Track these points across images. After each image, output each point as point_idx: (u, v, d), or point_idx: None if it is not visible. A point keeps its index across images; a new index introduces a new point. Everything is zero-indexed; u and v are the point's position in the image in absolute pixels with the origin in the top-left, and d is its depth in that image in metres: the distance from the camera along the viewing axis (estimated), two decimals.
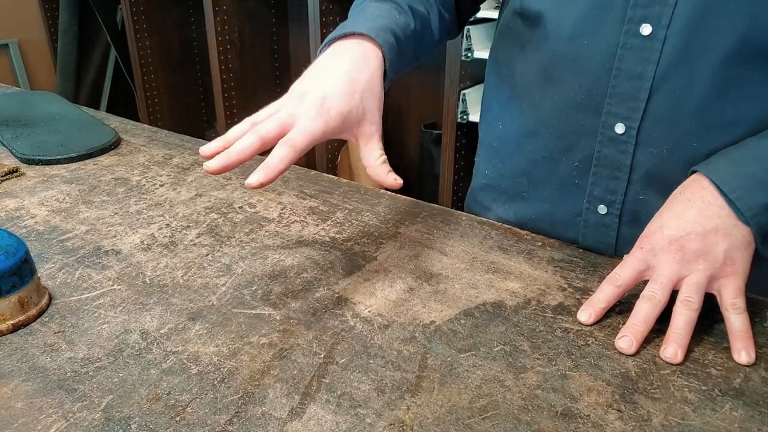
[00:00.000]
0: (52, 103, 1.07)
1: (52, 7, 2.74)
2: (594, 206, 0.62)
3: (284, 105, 0.50)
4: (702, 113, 0.54)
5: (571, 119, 0.60)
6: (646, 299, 0.49)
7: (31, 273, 0.51)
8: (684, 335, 0.47)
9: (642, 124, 0.56)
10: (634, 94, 0.55)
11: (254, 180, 0.45)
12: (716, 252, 0.49)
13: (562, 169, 0.63)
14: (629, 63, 0.55)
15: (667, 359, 0.46)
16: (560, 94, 0.60)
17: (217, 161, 0.46)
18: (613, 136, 0.58)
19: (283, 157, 0.46)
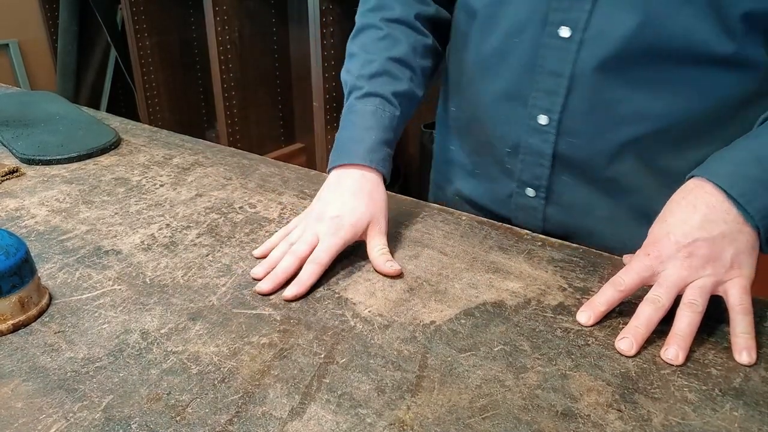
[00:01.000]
0: (53, 103, 1.07)
1: (52, 7, 2.74)
2: (522, 189, 0.68)
3: (308, 225, 0.60)
4: (616, 108, 0.58)
5: (503, 109, 0.65)
6: (650, 302, 0.49)
7: (31, 273, 0.51)
8: (686, 337, 0.47)
9: (562, 116, 0.61)
10: (554, 90, 0.60)
11: (290, 293, 0.54)
12: (724, 257, 0.49)
13: (498, 153, 0.68)
14: (550, 62, 0.59)
15: (669, 360, 0.46)
16: (494, 86, 0.65)
17: (269, 283, 0.55)
18: (537, 126, 0.63)
19: (312, 272, 0.56)
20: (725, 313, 0.52)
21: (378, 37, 0.68)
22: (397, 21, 0.69)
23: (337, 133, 0.67)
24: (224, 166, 0.83)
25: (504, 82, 0.64)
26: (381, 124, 0.65)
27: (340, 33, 1.98)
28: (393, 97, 0.66)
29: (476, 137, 0.71)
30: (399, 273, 0.57)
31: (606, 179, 0.63)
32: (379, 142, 0.64)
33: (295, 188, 0.77)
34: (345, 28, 1.99)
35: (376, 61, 0.67)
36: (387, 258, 0.58)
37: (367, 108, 0.66)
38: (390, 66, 0.67)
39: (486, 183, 0.72)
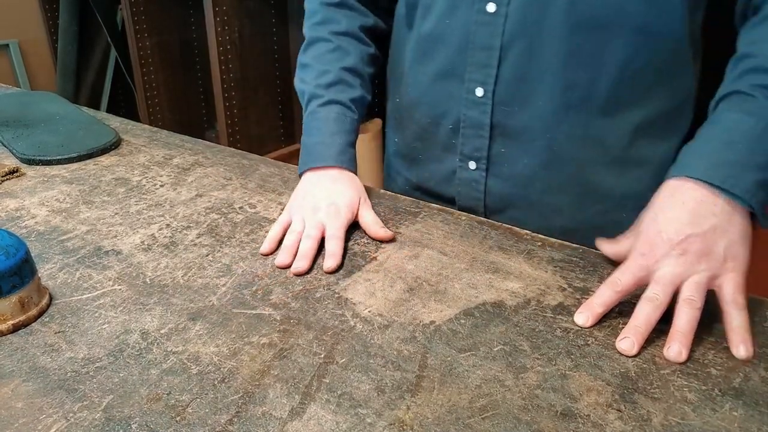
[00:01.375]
0: (53, 104, 1.07)
1: (53, 7, 2.74)
2: (465, 163, 0.72)
3: (306, 216, 0.65)
4: (544, 76, 0.63)
5: (443, 88, 0.70)
6: (648, 301, 0.49)
7: (31, 273, 0.51)
8: (688, 334, 0.48)
9: (496, 87, 0.65)
10: (487, 62, 0.65)
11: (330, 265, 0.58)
12: (717, 251, 0.50)
13: (441, 132, 0.72)
14: (481, 37, 0.64)
15: (672, 358, 0.47)
16: (432, 67, 0.70)
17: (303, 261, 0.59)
18: (475, 99, 0.67)
19: (337, 245, 0.61)
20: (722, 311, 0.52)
21: (329, 49, 0.75)
22: (344, 34, 0.76)
23: (303, 137, 0.73)
24: (224, 167, 0.83)
25: (441, 62, 0.69)
26: (344, 128, 0.72)
27: None
28: (351, 103, 0.73)
29: (418, 122, 0.75)
30: (392, 237, 0.63)
31: (541, 148, 0.67)
32: (346, 144, 0.71)
33: None
34: None
35: (331, 71, 0.74)
36: (381, 225, 0.65)
37: (330, 115, 0.72)
38: (344, 75, 0.74)
39: (431, 165, 0.76)
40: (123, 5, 2.41)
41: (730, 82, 0.57)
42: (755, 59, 0.56)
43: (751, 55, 0.56)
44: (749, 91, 0.54)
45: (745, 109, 0.54)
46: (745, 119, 0.53)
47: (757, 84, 0.54)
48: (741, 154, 0.51)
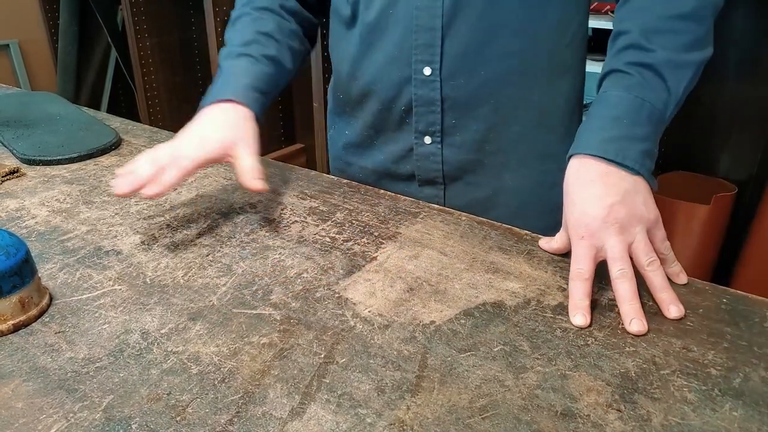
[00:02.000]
0: (53, 104, 1.07)
1: (53, 7, 2.74)
2: (420, 139, 0.76)
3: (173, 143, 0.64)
4: (484, 48, 0.69)
5: (393, 73, 0.74)
6: (621, 278, 0.52)
7: (31, 273, 0.51)
8: (670, 288, 0.53)
9: (442, 65, 0.70)
10: (431, 42, 0.70)
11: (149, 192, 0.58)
12: (639, 208, 0.55)
13: (395, 113, 0.76)
14: (423, 20, 0.69)
15: (675, 317, 0.51)
16: (380, 55, 0.74)
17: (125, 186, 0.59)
18: (423, 78, 0.72)
19: (172, 175, 0.60)
20: (723, 313, 0.52)
21: (249, 20, 0.78)
22: (264, 8, 0.79)
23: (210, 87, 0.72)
24: (225, 167, 0.83)
25: (388, 49, 0.73)
26: (252, 74, 0.72)
27: None
28: (263, 58, 0.74)
29: (371, 110, 0.78)
30: (264, 190, 0.63)
31: (487, 114, 0.73)
32: (249, 86, 0.70)
33: (296, 189, 0.77)
34: None
35: (248, 33, 0.76)
36: (256, 175, 0.62)
37: (239, 64, 0.73)
38: (259, 37, 0.76)
39: (387, 147, 0.80)
40: (123, 5, 2.41)
41: (608, 61, 0.62)
42: (627, 36, 0.60)
43: (623, 33, 0.61)
44: (625, 69, 0.59)
45: (624, 86, 0.59)
46: (625, 96, 0.58)
47: (631, 62, 0.59)
48: (626, 129, 0.57)
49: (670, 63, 0.58)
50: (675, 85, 0.58)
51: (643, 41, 0.59)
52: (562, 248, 0.60)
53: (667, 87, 0.58)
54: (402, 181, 0.82)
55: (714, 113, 1.77)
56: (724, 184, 1.73)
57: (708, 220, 1.64)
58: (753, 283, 1.62)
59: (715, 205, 1.62)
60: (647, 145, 0.57)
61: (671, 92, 0.58)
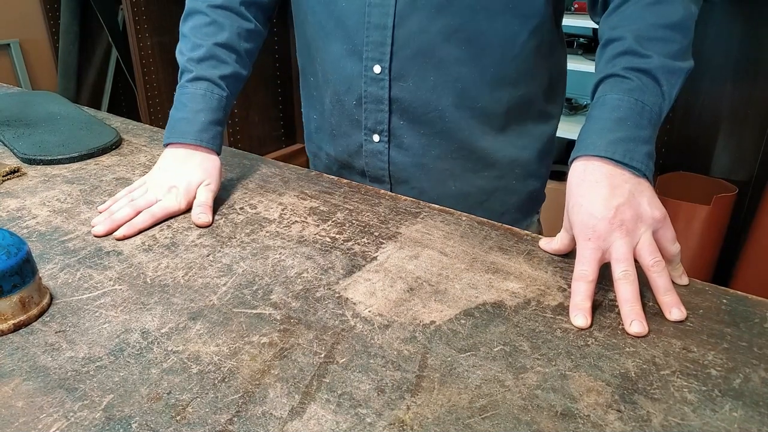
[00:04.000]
0: (54, 103, 1.07)
1: (54, 7, 2.74)
2: (369, 136, 0.77)
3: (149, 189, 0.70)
4: (433, 53, 0.69)
5: (345, 66, 0.74)
6: (624, 280, 0.52)
7: (32, 273, 0.51)
8: (673, 291, 0.52)
9: (392, 64, 0.71)
10: (382, 41, 0.70)
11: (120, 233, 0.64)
12: (645, 208, 0.55)
13: (347, 107, 0.77)
14: (375, 17, 0.69)
15: (677, 319, 0.51)
16: (334, 47, 0.74)
17: (103, 225, 0.65)
18: (373, 76, 0.72)
19: (144, 220, 0.66)
20: (723, 314, 0.52)
21: (204, 22, 0.76)
22: (221, 7, 0.77)
23: (171, 110, 0.76)
24: (225, 167, 0.83)
25: (341, 43, 0.73)
26: (210, 105, 0.75)
27: None
28: (220, 80, 0.76)
29: (329, 98, 0.79)
30: (205, 224, 0.67)
31: (434, 119, 0.73)
32: (209, 122, 0.74)
33: (296, 189, 0.77)
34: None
35: (204, 46, 0.75)
36: (204, 210, 0.68)
37: (197, 91, 0.75)
38: (216, 51, 0.76)
39: (343, 139, 0.81)
40: (124, 5, 2.41)
41: (603, 67, 0.62)
42: (621, 43, 0.60)
43: (615, 39, 0.61)
44: (623, 73, 0.59)
45: (624, 89, 0.59)
46: (626, 98, 0.58)
47: (629, 66, 0.59)
48: (631, 130, 0.57)
49: (665, 69, 0.59)
50: (668, 90, 0.59)
51: (638, 47, 0.59)
52: (562, 249, 0.60)
53: (662, 92, 0.59)
54: (356, 175, 0.83)
55: (714, 114, 1.77)
56: (724, 184, 1.74)
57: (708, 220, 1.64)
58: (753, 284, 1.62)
59: (715, 205, 1.62)
60: (650, 147, 0.57)
61: (665, 97, 0.59)
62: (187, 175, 0.71)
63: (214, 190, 0.71)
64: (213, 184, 0.72)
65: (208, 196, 0.70)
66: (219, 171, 0.74)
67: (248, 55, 0.80)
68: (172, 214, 0.68)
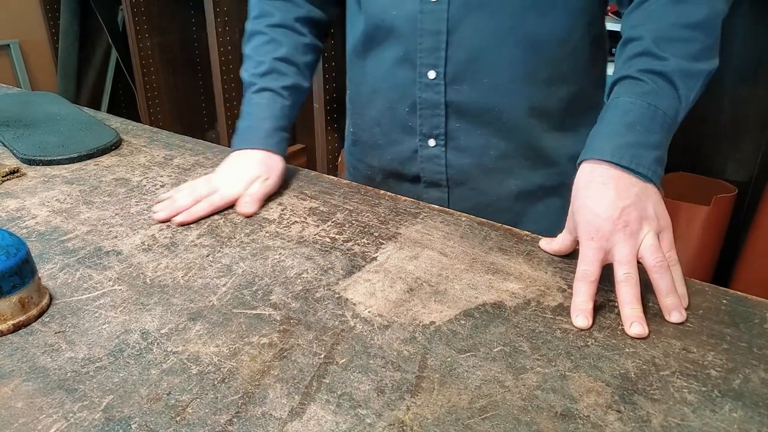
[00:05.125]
0: (53, 104, 1.07)
1: (53, 7, 2.74)
2: (425, 141, 0.77)
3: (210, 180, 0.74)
4: (489, 55, 0.69)
5: (398, 73, 0.75)
6: (625, 282, 0.52)
7: (31, 273, 0.51)
8: (675, 293, 0.52)
9: (446, 69, 0.71)
10: (436, 47, 0.70)
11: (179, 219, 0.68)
12: (649, 212, 0.55)
13: (399, 114, 0.77)
14: (428, 23, 0.70)
15: (676, 322, 0.51)
16: (386, 55, 0.75)
17: (164, 212, 0.69)
18: (428, 81, 0.72)
19: (203, 209, 0.69)
20: (723, 314, 0.52)
21: (264, 41, 0.82)
22: (278, 26, 0.82)
23: (238, 121, 0.80)
24: None
25: (394, 50, 0.74)
26: (273, 113, 0.79)
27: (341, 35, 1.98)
28: (282, 90, 0.80)
29: (378, 108, 0.79)
30: (247, 214, 0.70)
31: (491, 120, 0.73)
32: (273, 129, 0.78)
33: (296, 188, 0.77)
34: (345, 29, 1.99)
35: (265, 62, 0.80)
36: (253, 202, 0.71)
37: (261, 101, 0.79)
38: (276, 65, 0.80)
39: (392, 148, 0.80)
40: (124, 6, 2.41)
41: (620, 68, 0.62)
42: (639, 43, 0.60)
43: (634, 39, 0.61)
44: (638, 75, 0.59)
45: (637, 92, 0.59)
46: (638, 102, 0.58)
47: (644, 69, 0.59)
48: (640, 135, 0.57)
49: (682, 72, 0.58)
50: (686, 93, 0.59)
51: (655, 49, 0.59)
52: (562, 250, 0.60)
53: (678, 95, 0.58)
54: (408, 182, 0.82)
55: (714, 115, 1.77)
56: (724, 185, 1.73)
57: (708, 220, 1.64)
58: (753, 284, 1.62)
59: (715, 206, 1.62)
60: (659, 153, 0.57)
61: (682, 101, 0.59)
62: (248, 168, 0.74)
63: (271, 185, 0.74)
64: (271, 179, 0.74)
65: (260, 189, 0.72)
66: (280, 170, 0.77)
67: (307, 67, 0.84)
68: (230, 202, 0.71)
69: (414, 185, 0.81)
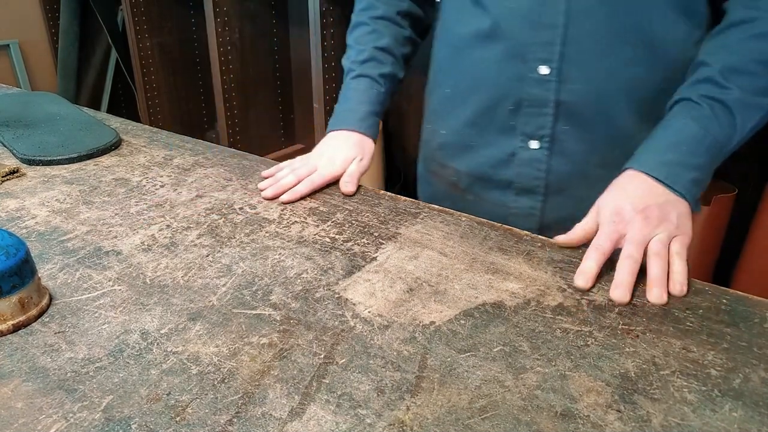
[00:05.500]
0: (53, 104, 1.07)
1: (53, 7, 2.74)
2: (526, 143, 0.74)
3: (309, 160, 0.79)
4: (604, 53, 0.67)
5: (504, 69, 0.72)
6: (627, 257, 0.56)
7: (31, 273, 0.51)
8: (663, 279, 0.55)
9: (561, 64, 0.68)
10: (551, 40, 0.68)
11: (285, 198, 0.73)
12: (671, 218, 0.59)
13: (499, 113, 0.74)
14: (546, 16, 0.67)
15: (654, 300, 0.53)
16: (495, 51, 0.72)
17: (271, 190, 0.74)
18: (538, 77, 0.70)
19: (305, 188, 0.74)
20: (723, 313, 0.52)
21: (367, 31, 0.85)
22: (381, 18, 0.85)
23: (336, 105, 0.85)
24: (225, 167, 0.83)
25: (503, 44, 0.71)
26: (370, 98, 0.83)
27: (341, 34, 1.98)
28: (379, 78, 0.84)
29: (475, 107, 0.76)
30: (351, 193, 0.75)
31: (601, 123, 0.70)
32: (368, 113, 0.83)
33: None
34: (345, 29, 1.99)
35: (366, 50, 0.84)
36: (351, 180, 0.76)
37: (359, 86, 0.84)
38: (376, 54, 0.84)
39: (486, 149, 0.78)
40: (123, 6, 2.41)
41: (685, 88, 0.64)
42: (708, 69, 0.63)
43: (705, 64, 0.63)
44: (698, 100, 0.62)
45: (692, 116, 0.61)
46: (690, 125, 0.61)
47: (705, 95, 0.62)
48: (683, 155, 0.60)
49: (743, 102, 0.60)
50: (742, 122, 0.60)
51: (721, 79, 0.61)
52: (575, 240, 0.62)
53: (735, 123, 0.60)
54: (496, 189, 0.78)
55: None
56: (724, 185, 1.73)
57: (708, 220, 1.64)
58: (753, 284, 1.62)
59: (715, 205, 1.62)
60: (699, 174, 0.60)
61: (737, 129, 0.61)
62: (344, 149, 0.79)
63: (365, 165, 0.80)
64: (365, 160, 0.80)
65: (358, 168, 0.78)
66: (372, 152, 0.82)
67: (404, 59, 0.87)
68: (329, 181, 0.76)
69: (502, 192, 0.78)
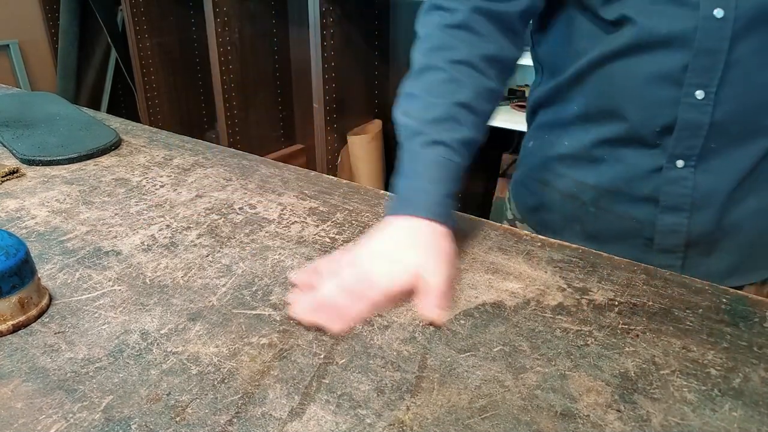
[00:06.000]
0: (53, 104, 1.07)
1: (53, 7, 2.74)
2: (673, 162, 0.68)
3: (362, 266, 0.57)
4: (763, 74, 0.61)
5: (653, 92, 0.66)
6: None
7: (31, 273, 0.51)
8: None
9: (719, 90, 0.63)
10: (711, 66, 0.62)
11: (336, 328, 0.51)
12: None
13: (644, 134, 0.68)
14: (708, 41, 0.61)
15: None
16: (645, 71, 0.66)
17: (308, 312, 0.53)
18: (694, 102, 0.64)
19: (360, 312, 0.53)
20: (723, 313, 0.52)
21: (442, 79, 0.65)
22: (461, 62, 0.65)
23: (398, 179, 0.63)
24: (224, 167, 0.83)
25: (654, 67, 0.65)
26: (446, 176, 0.63)
27: (341, 34, 1.98)
28: (458, 146, 0.63)
29: (611, 129, 0.70)
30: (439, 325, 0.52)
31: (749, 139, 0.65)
32: (446, 195, 0.62)
33: (295, 189, 0.77)
34: (345, 29, 2.00)
35: (441, 105, 0.64)
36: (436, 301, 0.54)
37: (434, 159, 0.63)
38: (455, 111, 0.64)
39: (618, 165, 0.71)
40: (123, 6, 2.41)
41: None
42: None
43: None
44: None
45: None
46: None
47: None
48: None
49: None
50: None
51: None
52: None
53: None
54: (628, 203, 0.72)
55: None
56: None
57: None
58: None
59: None
60: None
61: None
62: (412, 249, 0.58)
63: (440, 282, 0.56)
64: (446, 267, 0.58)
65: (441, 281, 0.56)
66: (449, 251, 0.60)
67: (486, 117, 0.69)
68: (395, 299, 0.55)
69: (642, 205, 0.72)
